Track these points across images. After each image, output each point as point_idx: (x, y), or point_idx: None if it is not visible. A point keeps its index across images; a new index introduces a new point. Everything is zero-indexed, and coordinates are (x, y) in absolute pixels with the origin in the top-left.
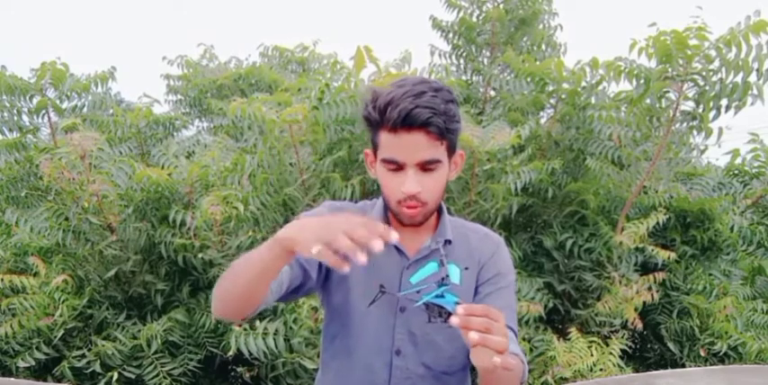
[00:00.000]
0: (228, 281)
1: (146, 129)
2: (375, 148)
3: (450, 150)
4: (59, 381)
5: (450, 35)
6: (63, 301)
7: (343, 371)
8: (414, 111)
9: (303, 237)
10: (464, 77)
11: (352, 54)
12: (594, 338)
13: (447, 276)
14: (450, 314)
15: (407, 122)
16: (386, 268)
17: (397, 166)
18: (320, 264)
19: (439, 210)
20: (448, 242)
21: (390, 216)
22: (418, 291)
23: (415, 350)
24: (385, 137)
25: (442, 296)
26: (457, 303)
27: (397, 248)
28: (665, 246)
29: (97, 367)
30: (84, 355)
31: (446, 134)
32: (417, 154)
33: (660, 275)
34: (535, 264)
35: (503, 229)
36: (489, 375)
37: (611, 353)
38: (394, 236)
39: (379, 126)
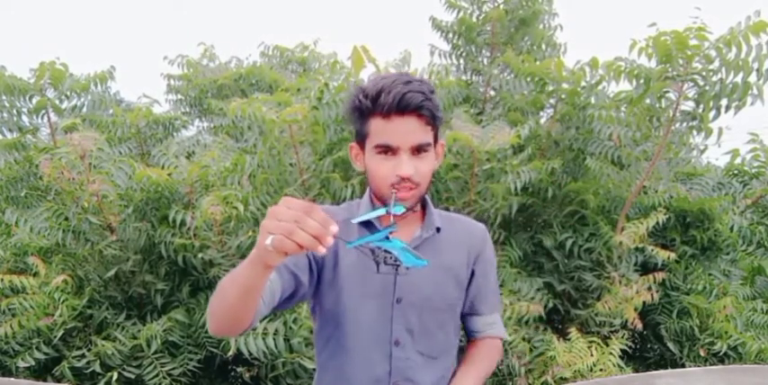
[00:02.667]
0: (218, 301)
1: (145, 129)
2: (363, 139)
3: (435, 139)
4: (59, 381)
5: (450, 35)
6: (63, 301)
7: (343, 369)
8: (407, 95)
9: (261, 241)
10: (464, 77)
11: (351, 54)
12: (594, 338)
13: (394, 212)
14: (396, 259)
15: (401, 106)
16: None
17: (390, 151)
18: (310, 268)
19: (423, 203)
20: (437, 230)
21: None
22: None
23: (411, 339)
24: (377, 123)
25: (388, 240)
26: (403, 248)
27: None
28: (664, 246)
29: (97, 367)
30: (83, 355)
31: (435, 120)
32: (410, 137)
33: (660, 275)
34: (535, 264)
35: (503, 229)
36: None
37: (611, 353)
38: (333, 228)
39: (370, 114)
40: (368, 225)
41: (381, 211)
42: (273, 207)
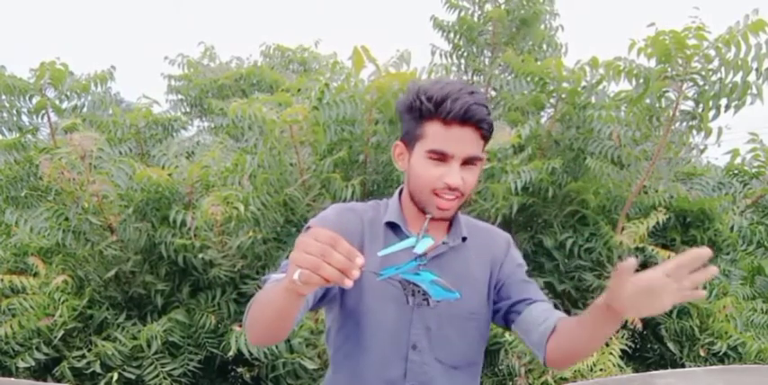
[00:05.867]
0: (255, 319)
1: (145, 129)
2: (414, 139)
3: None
4: (59, 382)
5: (452, 35)
6: (63, 302)
7: (358, 369)
8: (472, 107)
9: (290, 274)
10: (465, 77)
11: (351, 54)
12: None
13: (417, 252)
14: (425, 293)
15: (465, 117)
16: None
17: (443, 159)
18: None
19: None
20: (464, 239)
21: (406, 214)
22: (397, 269)
23: (429, 345)
24: (435, 128)
25: (417, 273)
26: (433, 282)
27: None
28: (665, 246)
29: (97, 367)
30: (84, 356)
31: (489, 135)
32: (466, 148)
33: None
34: (535, 264)
35: (503, 229)
36: (598, 332)
37: (611, 353)
38: (359, 260)
39: (430, 117)
40: (394, 228)
41: (411, 242)
42: (301, 238)
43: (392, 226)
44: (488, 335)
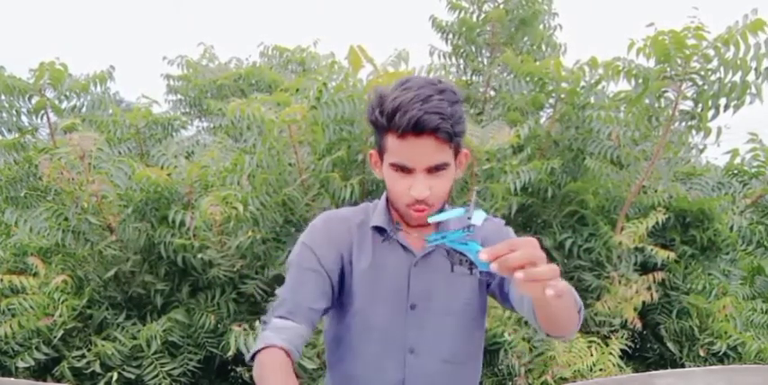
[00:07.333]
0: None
1: (145, 129)
2: (381, 151)
3: (456, 151)
4: (59, 381)
5: (451, 36)
6: (62, 302)
7: (352, 373)
8: (422, 118)
9: None
10: (464, 77)
11: (347, 53)
12: (594, 338)
13: (469, 219)
14: (471, 262)
15: (417, 129)
16: (392, 267)
17: (406, 171)
18: (333, 291)
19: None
20: None
21: (395, 216)
22: (444, 237)
23: (429, 346)
24: (393, 142)
25: (465, 243)
26: (480, 252)
27: (402, 246)
28: (664, 246)
29: (97, 367)
30: (83, 355)
31: (453, 137)
32: (426, 159)
33: (659, 275)
34: None
35: None
36: (547, 308)
37: (610, 353)
38: None
39: (387, 131)
40: (381, 231)
41: (460, 212)
42: None
43: (379, 229)
44: (485, 323)
